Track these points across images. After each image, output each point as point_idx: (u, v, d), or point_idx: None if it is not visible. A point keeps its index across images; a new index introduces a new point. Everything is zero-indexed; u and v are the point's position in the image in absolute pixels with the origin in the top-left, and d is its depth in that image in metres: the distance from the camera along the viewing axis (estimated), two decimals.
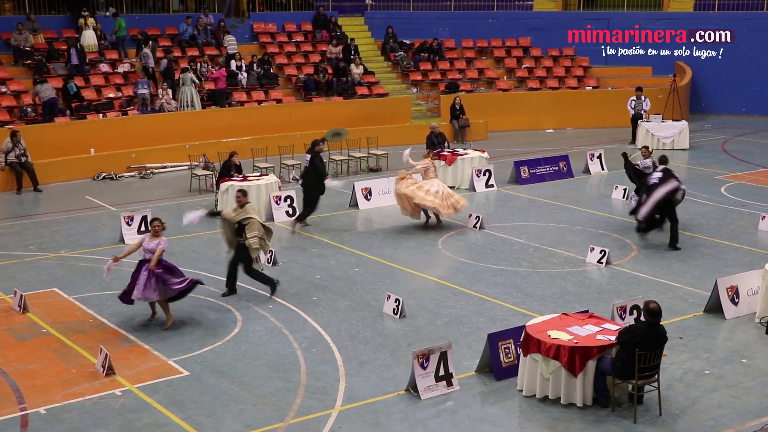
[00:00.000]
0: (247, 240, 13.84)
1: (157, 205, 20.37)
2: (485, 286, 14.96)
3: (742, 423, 10.25)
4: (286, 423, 10.24)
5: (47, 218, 19.69)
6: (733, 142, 29.04)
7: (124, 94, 26.61)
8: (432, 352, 10.91)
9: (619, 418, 10.34)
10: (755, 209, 19.75)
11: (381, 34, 33.51)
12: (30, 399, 10.80)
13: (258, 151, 23.39)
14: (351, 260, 16.45)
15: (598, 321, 11.25)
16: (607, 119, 31.39)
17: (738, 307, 13.60)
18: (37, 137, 23.31)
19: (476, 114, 29.58)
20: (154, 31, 29.69)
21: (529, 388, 10.84)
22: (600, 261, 16.00)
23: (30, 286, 14.88)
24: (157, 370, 11.67)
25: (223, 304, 13.98)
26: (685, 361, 11.95)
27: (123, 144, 24.78)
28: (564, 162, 23.72)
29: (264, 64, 29.51)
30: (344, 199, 20.97)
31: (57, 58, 27.07)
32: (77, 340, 12.68)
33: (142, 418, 10.37)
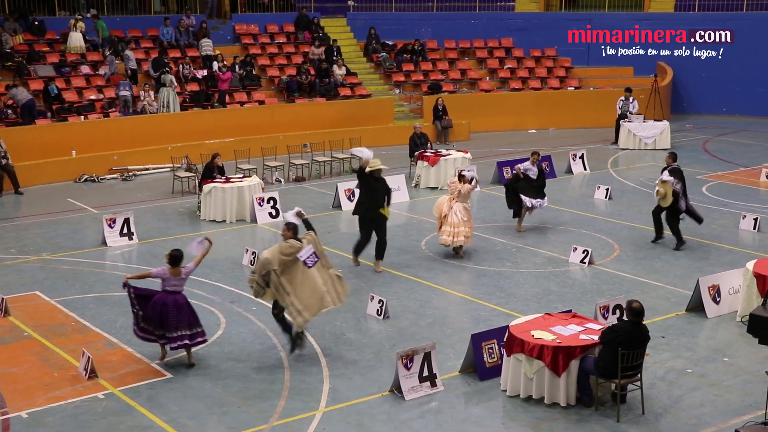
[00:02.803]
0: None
1: (139, 207, 20.29)
2: (469, 286, 14.98)
3: (724, 421, 10.31)
4: (270, 425, 10.22)
5: (28, 221, 19.58)
6: (714, 141, 29.20)
7: (105, 95, 26.49)
8: (416, 353, 10.92)
9: (602, 418, 10.38)
10: (736, 209, 19.86)
11: (363, 35, 33.49)
12: (12, 403, 10.74)
13: (241, 152, 23.35)
14: (334, 262, 16.29)
15: (581, 321, 11.29)
16: (589, 119, 31.50)
17: (720, 306, 13.68)
18: (18, 139, 23.13)
19: (459, 115, 29.61)
20: (136, 33, 29.57)
21: (512, 388, 10.86)
22: (583, 261, 16.06)
23: (11, 290, 14.79)
24: (140, 373, 11.62)
25: (207, 306, 13.93)
26: (667, 360, 12.00)
27: (105, 146, 24.64)
28: (546, 162, 23.75)
29: (246, 65, 29.45)
30: (327, 200, 20.95)
31: (37, 60, 26.92)
32: (59, 343, 12.61)
33: (125, 421, 10.33)
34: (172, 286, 11.61)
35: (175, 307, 11.55)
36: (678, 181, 16.82)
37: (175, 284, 11.61)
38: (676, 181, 16.79)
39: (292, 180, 23.47)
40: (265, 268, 11.52)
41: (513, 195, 18.17)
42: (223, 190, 19.08)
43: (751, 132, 30.91)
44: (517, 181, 18.18)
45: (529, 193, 18.05)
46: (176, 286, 11.63)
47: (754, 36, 33.29)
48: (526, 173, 18.10)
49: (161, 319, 11.51)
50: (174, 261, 11.59)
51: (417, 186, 22.55)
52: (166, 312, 11.49)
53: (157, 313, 11.51)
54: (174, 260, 11.59)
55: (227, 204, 19.12)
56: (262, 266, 11.57)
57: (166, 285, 11.61)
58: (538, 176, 18.25)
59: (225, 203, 19.11)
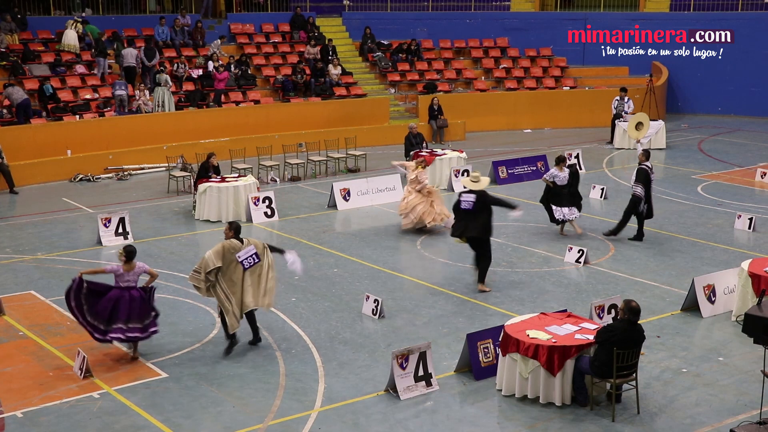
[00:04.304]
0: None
1: (134, 206, 20.27)
2: (464, 286, 14.98)
3: (719, 420, 10.33)
4: (266, 424, 10.22)
5: (23, 220, 19.54)
6: (709, 141, 29.24)
7: (101, 95, 26.45)
8: (411, 353, 10.92)
9: (597, 417, 10.38)
10: (731, 208, 19.89)
11: (359, 34, 33.48)
12: (7, 402, 10.71)
13: (236, 152, 23.33)
14: (330, 261, 16.44)
15: (576, 320, 11.30)
16: (584, 119, 31.54)
17: (715, 306, 13.70)
18: (13, 139, 23.11)
19: (454, 114, 29.64)
20: (131, 32, 29.52)
21: (508, 388, 10.87)
22: (578, 260, 16.07)
23: (6, 289, 14.77)
24: (135, 373, 11.61)
25: (202, 306, 13.92)
26: (662, 359, 12.02)
27: (100, 145, 24.62)
28: (542, 162, 23.79)
29: (241, 64, 29.43)
30: (323, 199, 20.95)
31: (33, 59, 26.87)
32: (54, 342, 12.59)
33: (120, 420, 10.32)
34: (126, 282, 11.84)
35: (129, 301, 11.74)
36: (639, 185, 17.02)
37: (128, 280, 11.84)
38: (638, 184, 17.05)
39: (288, 179, 23.46)
40: (207, 266, 11.79)
41: (548, 207, 17.79)
42: (219, 190, 19.06)
43: (746, 132, 30.97)
44: (548, 192, 17.72)
45: (563, 201, 17.56)
46: (129, 282, 11.85)
47: (749, 36, 33.35)
48: (554, 180, 17.61)
49: (111, 313, 11.68)
50: (130, 257, 11.84)
51: None
52: (119, 307, 11.68)
53: (108, 308, 11.68)
54: (130, 256, 11.84)
55: (222, 203, 19.10)
56: (205, 265, 11.81)
57: (120, 281, 11.85)
58: (570, 182, 17.59)
59: (220, 203, 19.10)
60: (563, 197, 17.59)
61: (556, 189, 17.59)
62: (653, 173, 17.29)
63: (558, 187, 17.58)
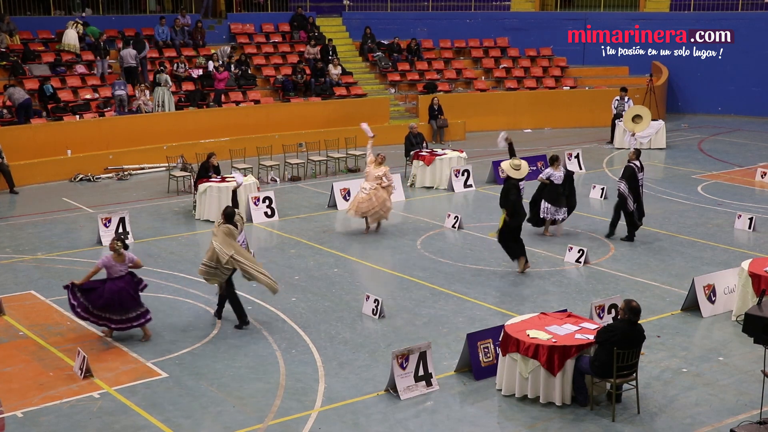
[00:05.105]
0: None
1: (134, 206, 20.27)
2: (464, 286, 14.98)
3: (719, 420, 10.33)
4: (266, 424, 10.22)
5: (23, 220, 19.54)
6: (710, 141, 29.24)
7: (101, 95, 26.45)
8: (411, 353, 10.92)
9: (597, 417, 10.39)
10: (731, 208, 19.90)
11: (359, 34, 33.48)
12: (7, 402, 10.71)
13: (236, 152, 23.32)
14: (330, 261, 16.44)
15: (576, 320, 11.30)
16: (584, 119, 31.54)
17: (715, 306, 13.70)
18: (13, 139, 23.11)
19: (454, 114, 29.64)
20: (131, 32, 29.50)
21: (508, 388, 10.87)
22: (578, 260, 16.07)
23: (6, 289, 14.77)
24: (136, 372, 11.61)
25: (202, 306, 13.93)
26: (662, 359, 12.02)
27: (100, 145, 24.62)
28: (542, 162, 23.76)
29: (242, 64, 29.43)
30: (323, 199, 20.95)
31: (33, 59, 26.87)
32: (54, 342, 12.59)
33: (120, 420, 10.32)
34: (118, 272, 12.44)
35: (128, 290, 12.44)
36: (623, 181, 17.08)
37: (120, 270, 12.45)
38: (621, 181, 17.12)
39: (288, 179, 23.46)
40: (222, 258, 12.59)
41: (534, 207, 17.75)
42: (219, 190, 19.05)
43: (747, 132, 30.97)
44: (542, 190, 17.73)
45: (558, 200, 17.58)
46: (121, 272, 12.47)
47: (749, 36, 33.34)
48: (550, 179, 17.62)
49: (120, 302, 12.36)
50: (126, 246, 12.62)
51: (412, 185, 22.56)
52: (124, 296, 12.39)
53: (116, 299, 12.33)
54: (125, 245, 12.63)
55: (222, 203, 19.03)
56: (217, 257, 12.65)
57: (113, 272, 12.43)
58: (564, 182, 17.62)
59: (220, 203, 19.07)
60: (560, 196, 17.64)
61: (553, 187, 17.63)
62: (642, 172, 17.32)
63: (555, 186, 17.62)
